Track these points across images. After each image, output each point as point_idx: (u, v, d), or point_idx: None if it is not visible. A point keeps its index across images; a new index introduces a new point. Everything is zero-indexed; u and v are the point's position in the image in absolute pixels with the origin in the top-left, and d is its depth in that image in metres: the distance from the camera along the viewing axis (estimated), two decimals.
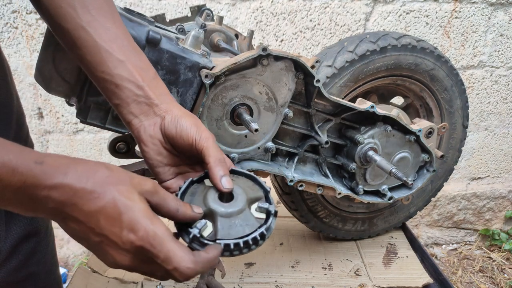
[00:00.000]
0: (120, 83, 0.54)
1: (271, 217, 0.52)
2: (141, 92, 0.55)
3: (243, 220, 0.51)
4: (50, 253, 0.81)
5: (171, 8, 1.63)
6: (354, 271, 1.02)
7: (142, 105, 0.55)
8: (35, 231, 0.74)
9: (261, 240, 0.50)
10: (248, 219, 0.51)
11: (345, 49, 0.90)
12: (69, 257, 2.10)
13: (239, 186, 0.55)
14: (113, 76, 0.54)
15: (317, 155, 0.93)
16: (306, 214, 1.05)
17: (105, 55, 0.53)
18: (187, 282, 0.95)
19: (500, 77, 1.96)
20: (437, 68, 0.98)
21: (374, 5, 1.73)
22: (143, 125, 0.56)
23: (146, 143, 0.56)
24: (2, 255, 0.68)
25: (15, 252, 0.70)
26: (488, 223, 2.32)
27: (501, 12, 1.82)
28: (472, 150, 2.11)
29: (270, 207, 0.53)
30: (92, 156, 1.87)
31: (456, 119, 1.05)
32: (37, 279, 0.76)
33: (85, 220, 0.44)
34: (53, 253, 0.83)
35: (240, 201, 0.52)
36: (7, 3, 1.54)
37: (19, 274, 0.72)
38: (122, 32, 0.56)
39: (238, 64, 0.72)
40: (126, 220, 0.44)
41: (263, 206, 0.53)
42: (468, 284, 2.03)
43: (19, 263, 0.71)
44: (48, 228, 0.81)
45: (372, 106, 0.87)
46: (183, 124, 0.55)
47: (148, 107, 0.55)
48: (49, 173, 0.41)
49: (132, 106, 0.55)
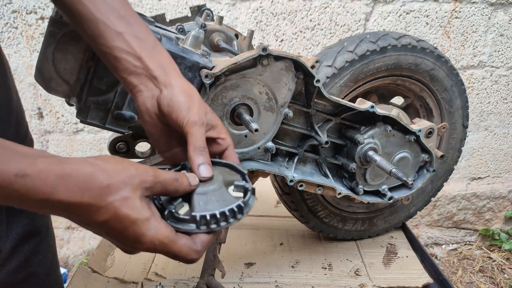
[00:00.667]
0: (118, 55, 0.53)
1: (249, 193, 0.52)
2: (140, 63, 0.54)
3: (220, 197, 0.51)
4: (50, 253, 0.81)
5: (171, 8, 1.63)
6: (354, 271, 1.02)
7: (141, 76, 0.54)
8: (35, 231, 0.74)
9: (239, 214, 0.50)
10: (225, 196, 0.51)
11: (345, 49, 0.90)
12: (69, 257, 2.10)
13: (218, 173, 0.55)
14: (111, 49, 0.53)
15: (317, 155, 0.93)
16: (306, 214, 1.05)
17: (103, 28, 0.52)
18: (187, 282, 0.95)
19: (500, 77, 1.96)
20: (437, 68, 0.98)
21: (374, 5, 1.73)
22: (143, 96, 0.55)
23: (144, 116, 0.56)
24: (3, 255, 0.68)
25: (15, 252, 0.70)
26: (488, 223, 2.32)
27: (501, 12, 1.82)
28: (472, 150, 2.11)
29: (246, 185, 0.53)
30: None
31: (456, 119, 1.05)
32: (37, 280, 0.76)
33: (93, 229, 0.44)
34: (53, 253, 0.83)
35: (216, 180, 0.53)
36: (7, 3, 1.54)
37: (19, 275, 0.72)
38: (120, 2, 0.55)
39: (238, 64, 0.72)
40: (131, 234, 0.44)
41: (240, 184, 0.53)
42: (468, 284, 2.03)
43: (19, 264, 0.71)
44: (49, 228, 0.81)
45: (372, 106, 0.87)
46: (175, 103, 0.53)
47: (147, 79, 0.55)
48: (32, 189, 0.38)
49: (132, 78, 0.54)
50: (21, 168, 0.37)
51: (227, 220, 0.49)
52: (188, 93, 0.55)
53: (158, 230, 0.45)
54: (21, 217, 0.70)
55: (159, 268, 1.00)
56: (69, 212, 0.41)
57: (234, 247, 1.10)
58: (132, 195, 0.44)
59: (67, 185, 0.39)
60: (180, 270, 1.00)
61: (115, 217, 0.42)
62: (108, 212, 0.42)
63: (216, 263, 0.85)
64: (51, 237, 0.82)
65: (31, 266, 0.74)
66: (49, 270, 0.80)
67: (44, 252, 0.78)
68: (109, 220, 0.42)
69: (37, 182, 0.38)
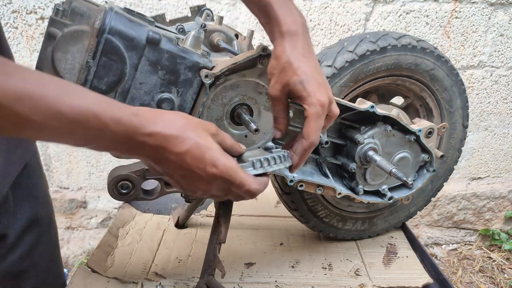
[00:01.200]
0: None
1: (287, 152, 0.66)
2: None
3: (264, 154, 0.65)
4: (52, 245, 0.85)
5: (171, 8, 1.63)
6: (354, 271, 1.02)
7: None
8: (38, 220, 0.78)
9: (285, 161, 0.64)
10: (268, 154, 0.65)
11: (345, 49, 0.90)
12: (69, 257, 2.10)
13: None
14: None
15: (317, 155, 0.93)
16: (306, 214, 1.05)
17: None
18: (187, 282, 0.95)
19: (500, 77, 1.96)
20: (437, 68, 0.98)
21: (374, 5, 1.73)
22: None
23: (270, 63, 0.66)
24: (10, 242, 0.73)
25: (20, 241, 0.74)
26: (488, 223, 2.32)
27: (501, 12, 1.82)
28: (472, 150, 2.12)
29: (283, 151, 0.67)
30: (92, 156, 1.87)
31: (456, 119, 1.05)
32: (39, 270, 0.80)
33: (175, 159, 0.53)
34: (55, 246, 0.87)
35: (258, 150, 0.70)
36: (7, 3, 1.55)
37: (23, 264, 0.76)
38: None
39: (238, 64, 0.72)
40: (208, 158, 0.54)
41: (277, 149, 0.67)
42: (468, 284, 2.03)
43: (23, 253, 0.75)
44: (51, 220, 0.85)
45: (372, 106, 0.87)
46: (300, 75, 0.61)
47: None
48: (144, 123, 0.50)
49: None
50: (134, 109, 0.50)
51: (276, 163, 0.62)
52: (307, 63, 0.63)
53: (228, 158, 0.56)
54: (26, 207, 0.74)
55: (159, 268, 1.00)
56: (161, 145, 0.52)
57: (234, 247, 1.10)
58: (205, 133, 0.56)
59: (162, 121, 0.52)
60: (180, 270, 1.00)
61: (195, 145, 0.53)
62: (190, 141, 0.53)
63: (216, 263, 0.85)
64: (53, 230, 0.86)
65: (34, 256, 0.78)
66: (51, 262, 0.85)
67: (46, 243, 0.82)
68: (190, 148, 0.53)
69: (145, 119, 0.50)
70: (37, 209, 0.77)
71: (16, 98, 0.40)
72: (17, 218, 0.73)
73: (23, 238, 0.75)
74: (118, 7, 0.66)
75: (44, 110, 0.42)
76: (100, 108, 0.46)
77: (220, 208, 0.92)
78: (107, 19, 0.62)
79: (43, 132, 0.44)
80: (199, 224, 1.22)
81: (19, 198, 0.73)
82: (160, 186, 0.82)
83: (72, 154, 1.85)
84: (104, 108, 0.47)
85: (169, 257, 1.05)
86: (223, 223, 0.89)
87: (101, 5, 0.64)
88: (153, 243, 1.11)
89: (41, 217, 0.79)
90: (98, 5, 0.63)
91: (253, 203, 1.35)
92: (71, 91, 0.45)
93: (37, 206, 0.77)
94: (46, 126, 0.43)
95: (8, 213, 0.70)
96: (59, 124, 0.43)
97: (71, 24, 0.61)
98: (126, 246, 1.08)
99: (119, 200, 0.82)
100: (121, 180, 0.78)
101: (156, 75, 0.68)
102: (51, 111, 0.42)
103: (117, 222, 1.17)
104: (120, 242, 1.09)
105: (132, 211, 1.26)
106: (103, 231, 2.05)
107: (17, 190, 0.73)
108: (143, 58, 0.66)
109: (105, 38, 0.62)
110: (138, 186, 0.80)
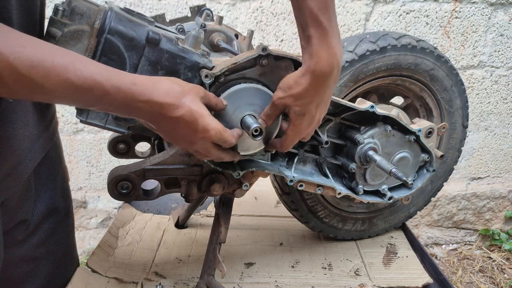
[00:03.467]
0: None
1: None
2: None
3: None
4: (68, 234, 0.88)
5: (171, 8, 1.63)
6: (354, 271, 1.02)
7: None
8: (56, 209, 0.81)
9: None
10: None
11: (345, 49, 0.90)
12: None
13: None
14: None
15: (317, 155, 0.93)
16: (306, 214, 1.05)
17: None
18: (187, 282, 0.95)
19: (500, 77, 1.96)
20: (437, 68, 0.98)
21: (374, 5, 1.73)
22: None
23: None
24: (30, 228, 0.76)
25: (39, 228, 0.78)
26: (488, 223, 2.32)
27: (501, 12, 1.82)
28: (472, 150, 2.12)
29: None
30: (92, 156, 1.87)
31: (456, 119, 1.05)
32: (55, 258, 0.83)
33: (169, 123, 0.59)
34: (71, 236, 0.91)
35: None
36: None
37: (39, 251, 0.79)
38: None
39: (237, 64, 0.72)
40: (201, 124, 0.60)
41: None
42: (468, 284, 2.03)
43: (40, 240, 0.79)
44: (69, 210, 0.88)
45: (372, 106, 0.87)
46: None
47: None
48: (141, 91, 0.55)
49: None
50: (132, 78, 0.55)
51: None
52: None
53: (217, 122, 0.63)
54: (45, 195, 0.78)
55: (159, 268, 1.00)
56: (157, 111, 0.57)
57: (234, 247, 1.10)
58: (196, 98, 0.61)
59: (158, 90, 0.57)
60: (180, 270, 1.00)
61: (188, 112, 0.59)
62: (183, 108, 0.59)
63: (216, 263, 0.85)
64: (69, 220, 0.89)
65: (50, 244, 0.81)
66: (66, 251, 0.88)
67: (63, 232, 0.85)
68: (184, 114, 0.59)
69: (142, 88, 0.55)
70: (56, 198, 0.81)
71: (31, 66, 0.45)
72: (37, 205, 0.77)
73: (41, 225, 0.78)
74: (118, 7, 0.66)
75: (54, 77, 0.47)
76: (102, 77, 0.52)
77: (220, 208, 0.92)
78: (107, 19, 0.62)
79: (53, 96, 0.50)
80: (199, 224, 1.22)
81: (39, 187, 0.77)
82: (160, 186, 0.82)
83: (72, 154, 1.85)
84: (105, 77, 0.52)
85: (169, 257, 1.05)
86: (223, 223, 0.89)
87: (101, 5, 0.64)
88: (153, 243, 1.11)
89: (60, 207, 0.82)
90: (98, 5, 0.63)
91: (253, 203, 1.35)
92: (77, 60, 0.50)
93: (56, 196, 0.81)
94: (55, 91, 0.49)
95: (30, 200, 0.75)
96: (66, 90, 0.49)
97: (71, 24, 0.61)
98: (126, 246, 1.08)
99: (119, 200, 0.82)
100: (121, 180, 0.78)
101: (156, 75, 0.68)
102: (60, 78, 0.48)
103: (117, 222, 1.17)
104: (120, 242, 1.09)
105: (132, 211, 1.26)
106: (103, 231, 2.05)
107: (38, 179, 0.77)
108: (143, 58, 0.66)
109: (105, 38, 0.62)
110: (138, 186, 0.80)
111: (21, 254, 0.77)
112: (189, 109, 0.59)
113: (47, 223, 0.80)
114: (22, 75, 0.45)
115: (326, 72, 0.62)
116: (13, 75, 0.45)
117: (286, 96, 0.66)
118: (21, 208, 0.74)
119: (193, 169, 0.81)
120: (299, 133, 0.71)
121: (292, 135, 0.72)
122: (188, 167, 0.80)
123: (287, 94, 0.66)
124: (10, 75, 0.44)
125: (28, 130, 0.67)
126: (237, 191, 0.87)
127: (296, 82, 0.64)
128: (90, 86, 0.51)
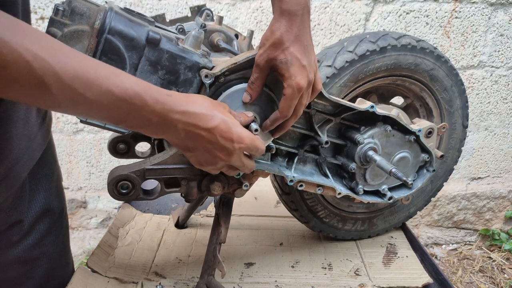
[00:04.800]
0: None
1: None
2: None
3: None
4: (63, 235, 0.88)
5: (171, 8, 1.63)
6: (354, 271, 1.02)
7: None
8: (51, 210, 0.81)
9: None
10: None
11: (345, 49, 0.90)
12: None
13: None
14: None
15: (317, 155, 0.93)
16: (306, 214, 1.05)
17: None
18: (187, 282, 0.95)
19: (500, 77, 1.96)
20: (437, 68, 0.98)
21: (374, 5, 1.73)
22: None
23: None
24: (25, 229, 0.76)
25: (33, 229, 0.78)
26: (488, 223, 2.32)
27: (501, 12, 1.82)
28: (472, 150, 2.12)
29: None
30: (92, 156, 1.87)
31: (456, 119, 1.05)
32: (49, 259, 0.83)
33: (205, 134, 0.61)
34: (66, 236, 0.90)
35: None
36: None
37: (34, 252, 0.78)
38: None
39: (237, 64, 0.72)
40: (235, 133, 0.63)
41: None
42: (468, 284, 2.03)
43: (35, 241, 0.78)
44: (63, 212, 0.88)
45: (372, 106, 0.87)
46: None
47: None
48: (177, 102, 0.58)
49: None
50: (167, 91, 0.58)
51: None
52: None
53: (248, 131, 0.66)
54: (40, 196, 0.78)
55: (159, 268, 1.00)
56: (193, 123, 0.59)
57: (234, 247, 1.10)
58: (226, 110, 0.65)
59: (193, 102, 0.60)
60: (180, 270, 1.00)
61: (223, 121, 0.61)
62: (217, 118, 0.61)
63: (216, 263, 0.85)
64: (64, 220, 0.88)
65: (44, 245, 0.81)
66: (61, 252, 0.87)
67: (57, 233, 0.85)
68: (219, 124, 0.61)
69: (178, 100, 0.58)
70: (51, 199, 0.81)
71: (75, 76, 0.47)
72: (31, 206, 0.77)
73: (36, 226, 0.78)
74: (118, 7, 0.66)
75: (96, 87, 0.49)
76: (141, 89, 0.54)
77: (220, 208, 0.92)
78: (107, 19, 0.62)
79: (93, 106, 0.51)
80: (199, 224, 1.22)
81: (34, 187, 0.77)
82: (160, 186, 0.82)
83: (72, 154, 1.85)
84: (144, 89, 0.54)
85: (169, 257, 1.05)
86: (223, 223, 0.89)
87: (101, 5, 0.64)
88: (153, 243, 1.11)
89: (54, 208, 0.82)
90: (98, 5, 0.63)
91: (253, 203, 1.35)
92: (117, 73, 0.53)
93: (51, 196, 0.81)
94: (96, 101, 0.50)
95: (25, 200, 0.74)
96: (107, 100, 0.51)
97: (71, 24, 0.61)
98: (126, 246, 1.08)
99: (119, 200, 0.82)
100: (121, 180, 0.78)
101: (156, 75, 0.68)
102: (102, 89, 0.50)
103: (117, 222, 1.17)
104: (120, 242, 1.09)
105: (132, 211, 1.26)
106: (103, 231, 2.05)
107: (33, 179, 0.76)
108: (143, 58, 0.66)
109: (105, 38, 0.62)
110: (138, 186, 0.80)
111: (16, 255, 0.76)
112: (223, 119, 0.61)
113: (42, 224, 0.79)
114: (66, 85, 0.47)
115: (297, 10, 0.63)
116: (57, 84, 0.46)
117: (266, 49, 0.66)
118: (15, 208, 0.73)
119: (193, 169, 0.81)
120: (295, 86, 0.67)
121: (289, 91, 0.67)
122: (188, 167, 0.80)
123: (267, 46, 0.66)
124: (55, 83, 0.46)
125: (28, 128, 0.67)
126: (237, 191, 0.87)
127: (272, 30, 0.65)
128: (130, 96, 0.52)
